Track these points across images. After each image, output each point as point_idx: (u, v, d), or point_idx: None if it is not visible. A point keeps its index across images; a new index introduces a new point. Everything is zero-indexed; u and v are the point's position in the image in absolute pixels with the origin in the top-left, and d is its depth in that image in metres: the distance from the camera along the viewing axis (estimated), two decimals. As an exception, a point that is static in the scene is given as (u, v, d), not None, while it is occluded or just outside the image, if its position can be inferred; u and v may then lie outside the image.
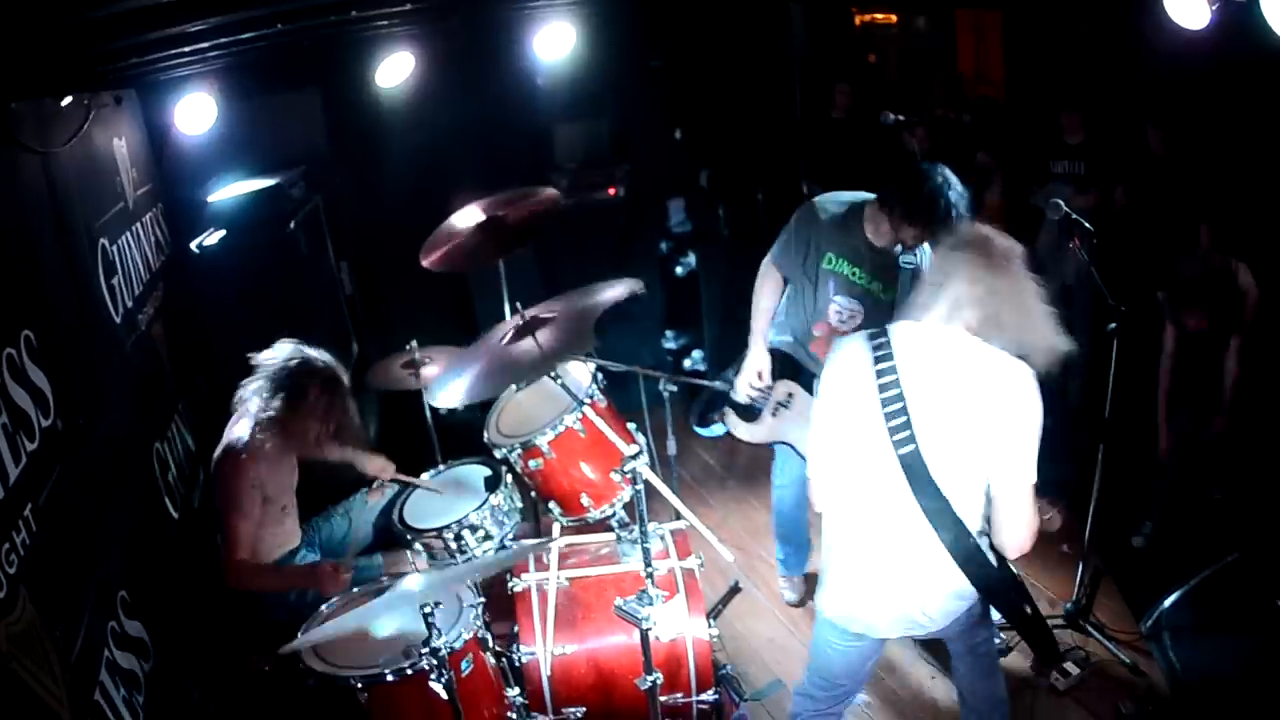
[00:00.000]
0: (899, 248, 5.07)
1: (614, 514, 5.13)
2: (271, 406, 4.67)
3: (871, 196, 5.25)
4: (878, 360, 3.52)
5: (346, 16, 4.60)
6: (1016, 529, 3.52)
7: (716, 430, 4.88)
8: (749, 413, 5.40)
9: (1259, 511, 5.50)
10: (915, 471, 3.44)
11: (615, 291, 4.85)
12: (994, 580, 3.63)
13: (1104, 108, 7.83)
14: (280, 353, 4.80)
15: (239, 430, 4.78)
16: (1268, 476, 5.63)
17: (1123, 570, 5.90)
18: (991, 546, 3.61)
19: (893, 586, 3.69)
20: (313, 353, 4.85)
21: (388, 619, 3.72)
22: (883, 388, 3.47)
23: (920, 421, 3.44)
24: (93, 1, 3.12)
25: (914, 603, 3.71)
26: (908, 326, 3.59)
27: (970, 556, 3.54)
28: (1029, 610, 3.81)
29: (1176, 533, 6.07)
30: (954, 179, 4.77)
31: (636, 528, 4.18)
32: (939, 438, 3.44)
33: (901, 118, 7.42)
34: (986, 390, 3.43)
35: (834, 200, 5.40)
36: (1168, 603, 4.88)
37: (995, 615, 3.95)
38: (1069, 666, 5.24)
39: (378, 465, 5.54)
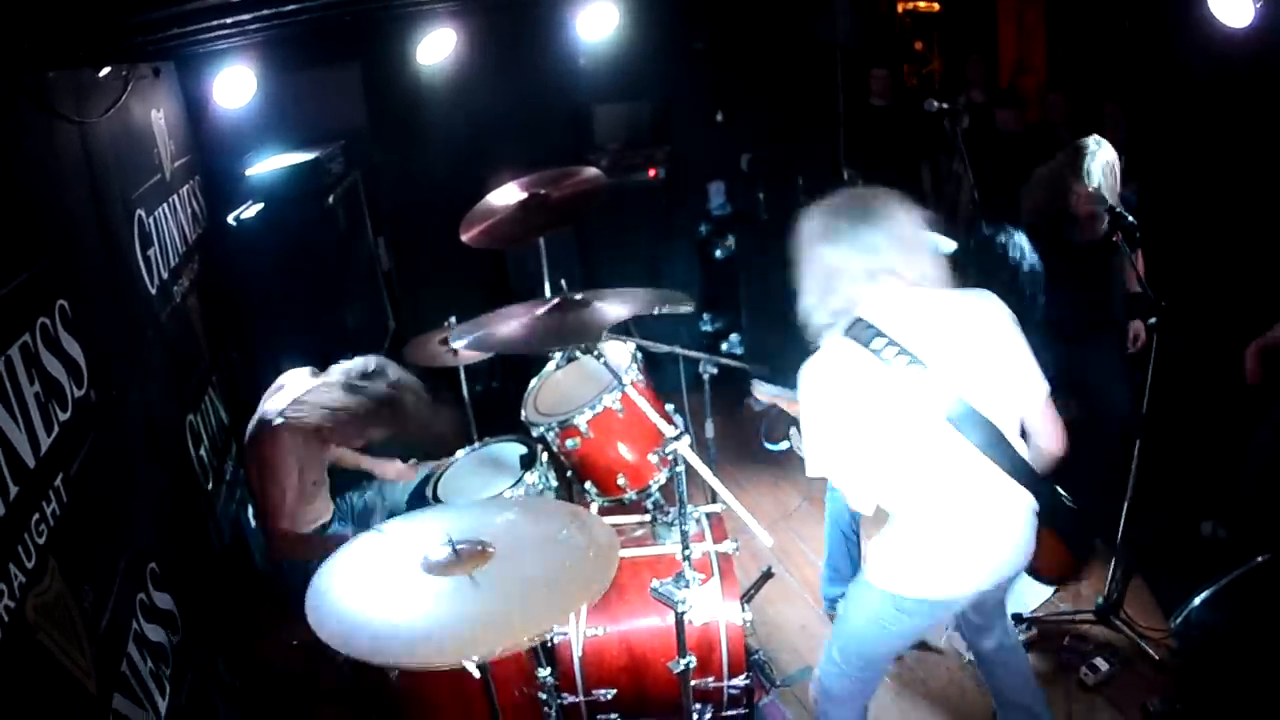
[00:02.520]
0: None
1: (651, 495, 5.08)
2: (345, 399, 4.65)
3: None
4: (869, 342, 3.49)
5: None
6: (1050, 434, 3.73)
7: (784, 445, 4.82)
8: None
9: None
10: (957, 413, 3.47)
11: (660, 303, 4.98)
12: (1047, 492, 3.76)
13: (1145, 101, 7.73)
14: (369, 362, 4.83)
15: (275, 403, 4.76)
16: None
17: (1155, 567, 5.80)
18: None
19: (978, 532, 3.71)
20: (402, 373, 4.89)
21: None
22: (888, 358, 3.45)
23: (938, 370, 3.45)
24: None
25: (998, 540, 3.75)
26: (871, 306, 3.57)
27: (1028, 474, 3.64)
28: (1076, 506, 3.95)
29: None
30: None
31: (673, 510, 4.15)
32: (961, 379, 3.47)
33: (945, 105, 7.31)
34: (971, 324, 3.58)
35: None
36: (1198, 601, 4.81)
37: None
38: (1098, 662, 5.17)
39: (396, 471, 5.57)
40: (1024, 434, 3.72)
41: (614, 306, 4.76)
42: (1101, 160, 5.37)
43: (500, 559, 3.44)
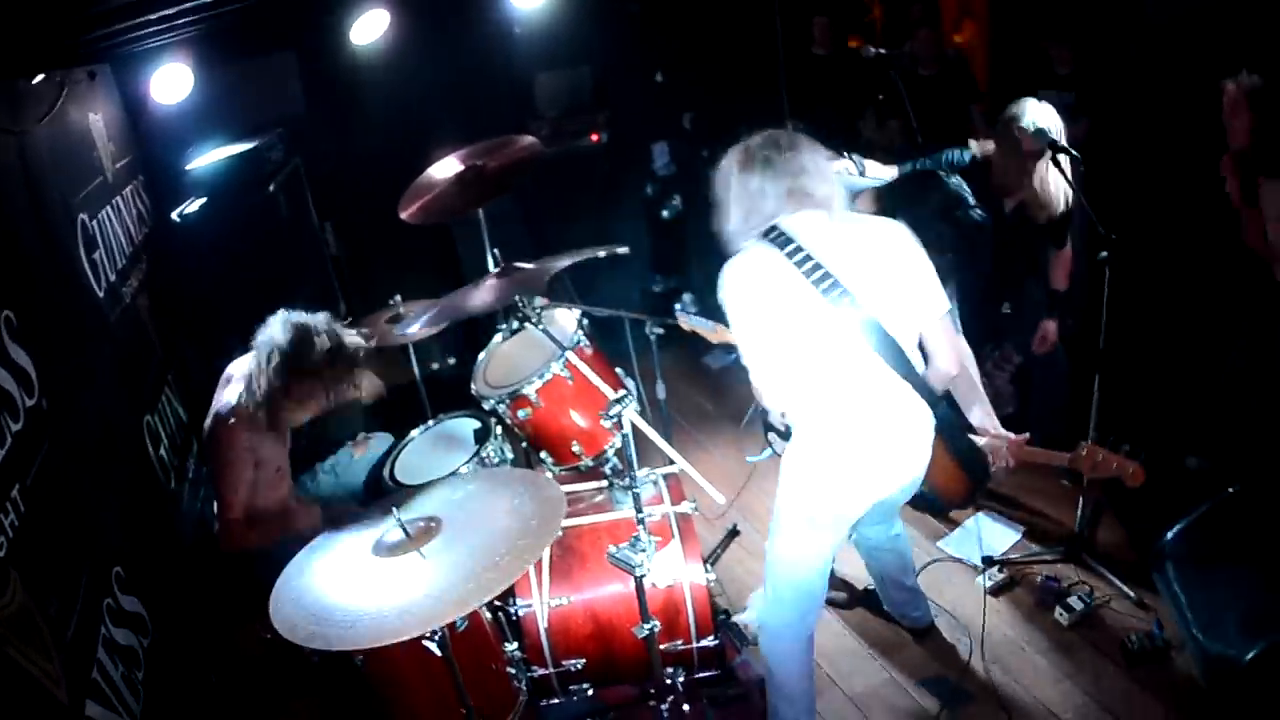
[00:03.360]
0: None
1: (607, 461, 5.16)
2: (273, 376, 4.61)
3: None
4: (785, 248, 3.73)
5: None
6: (945, 354, 3.95)
7: (766, 455, 4.88)
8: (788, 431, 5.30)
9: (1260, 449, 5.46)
10: (862, 318, 3.71)
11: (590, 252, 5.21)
12: (945, 410, 4.09)
13: (1090, 37, 7.78)
14: (278, 325, 4.71)
15: (228, 395, 4.72)
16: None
17: (1124, 503, 5.84)
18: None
19: (882, 442, 3.94)
20: (315, 321, 4.71)
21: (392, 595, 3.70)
22: (800, 264, 3.70)
23: (848, 283, 3.68)
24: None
25: (902, 449, 4.00)
26: (790, 220, 3.81)
27: (925, 388, 3.91)
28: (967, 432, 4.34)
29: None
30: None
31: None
32: (864, 291, 3.70)
33: (883, 51, 7.37)
34: (876, 243, 3.84)
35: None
36: (1170, 535, 4.87)
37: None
38: (1073, 602, 5.22)
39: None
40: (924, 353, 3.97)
41: (549, 264, 5.00)
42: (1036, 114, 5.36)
43: (448, 533, 3.53)
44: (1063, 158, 5.11)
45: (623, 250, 5.35)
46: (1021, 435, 4.34)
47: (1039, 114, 5.20)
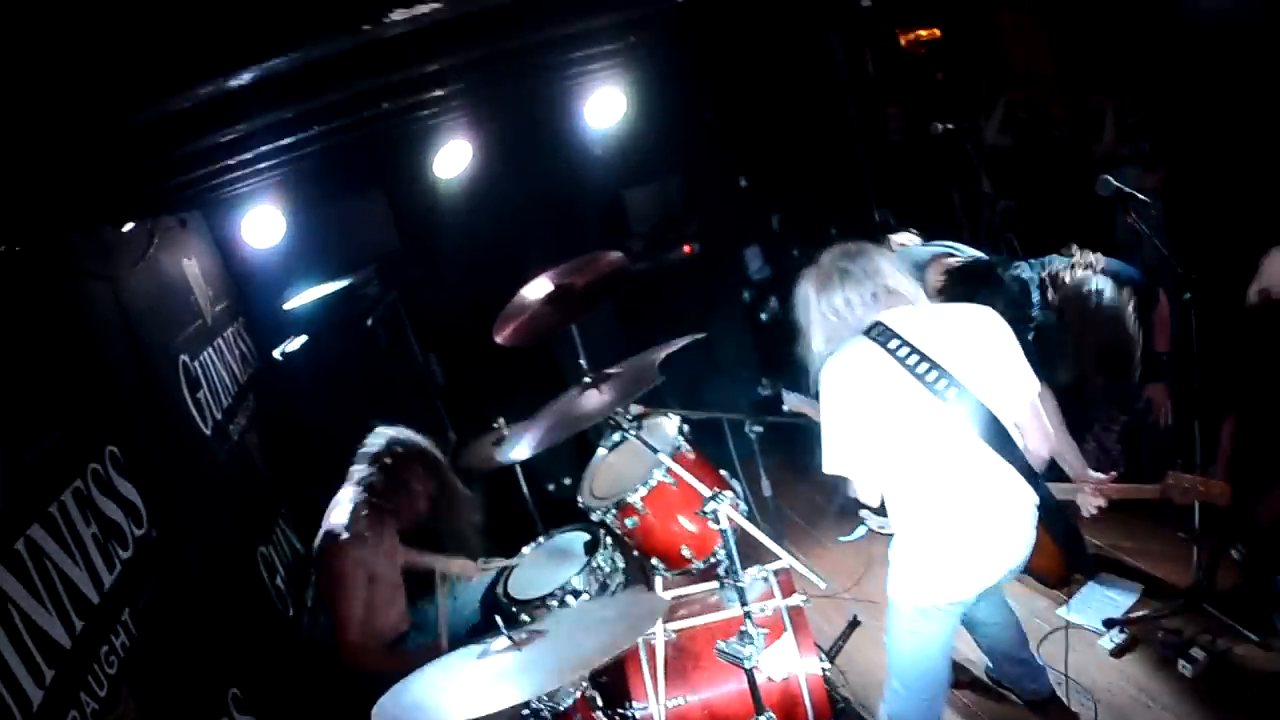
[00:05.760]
0: None
1: (718, 563, 5.11)
2: (369, 486, 4.72)
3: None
4: (886, 344, 3.69)
5: (378, 110, 4.68)
6: (1038, 434, 3.95)
7: (859, 533, 4.84)
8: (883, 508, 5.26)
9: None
10: (969, 406, 3.65)
11: (674, 344, 5.19)
12: (1044, 491, 3.91)
13: (1160, 85, 7.74)
14: (376, 438, 4.90)
15: (336, 516, 4.84)
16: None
17: (1242, 549, 5.61)
18: None
19: (991, 529, 3.87)
20: (407, 434, 4.95)
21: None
22: (904, 359, 3.65)
23: (952, 371, 3.64)
24: (131, 133, 3.24)
25: (1010, 534, 3.91)
26: (885, 316, 3.79)
27: (1028, 469, 3.82)
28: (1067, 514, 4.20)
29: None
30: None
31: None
32: (971, 379, 3.65)
33: (950, 126, 7.39)
34: (970, 329, 3.81)
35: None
36: None
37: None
38: (1195, 653, 5.08)
39: (459, 566, 5.61)
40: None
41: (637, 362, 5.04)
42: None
43: (550, 636, 3.53)
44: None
45: (695, 337, 5.36)
46: (1109, 474, 4.34)
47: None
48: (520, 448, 4.81)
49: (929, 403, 3.63)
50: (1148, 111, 7.71)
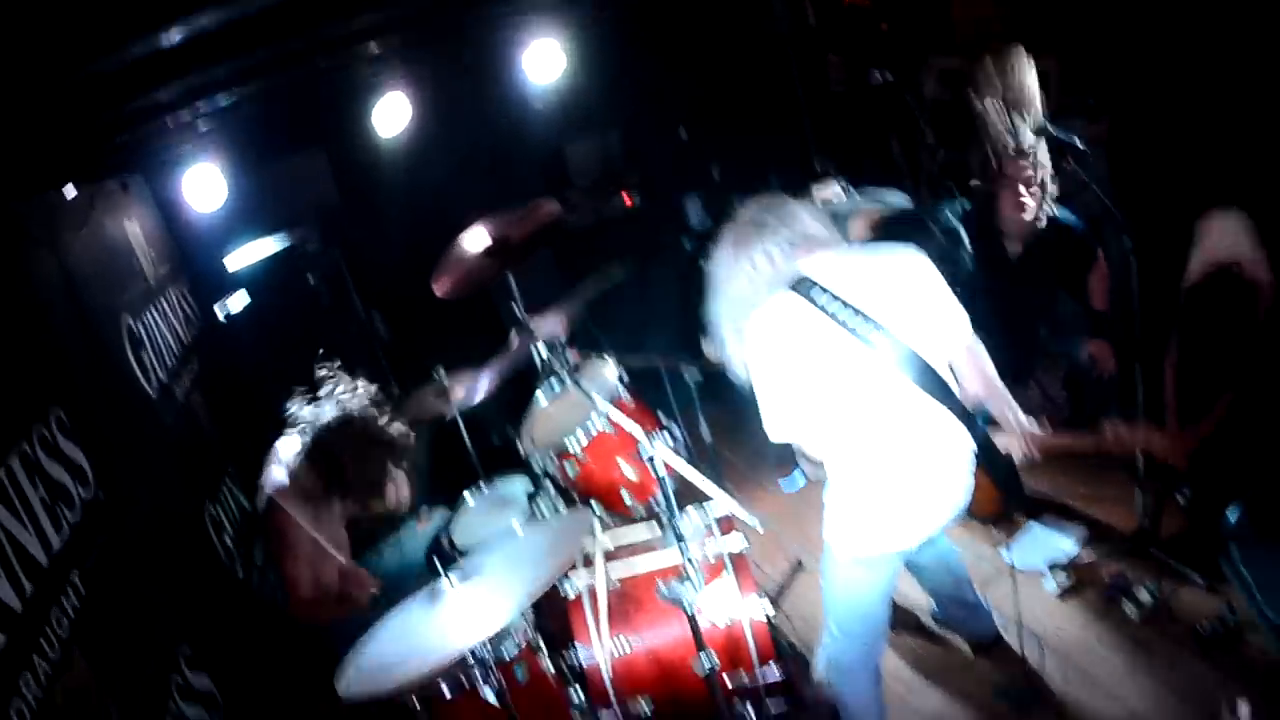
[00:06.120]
0: None
1: (659, 507, 5.18)
2: (302, 469, 4.80)
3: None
4: (810, 295, 3.69)
5: (314, 67, 4.71)
6: (974, 376, 3.94)
7: (800, 483, 4.91)
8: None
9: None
10: (899, 352, 3.66)
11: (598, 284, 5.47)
12: (981, 432, 3.94)
13: (1106, 36, 7.80)
14: (322, 405, 4.93)
15: (276, 475, 4.88)
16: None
17: (1183, 489, 5.73)
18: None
19: (928, 476, 3.90)
20: (354, 406, 4.96)
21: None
22: (829, 310, 3.66)
23: (879, 317, 3.66)
24: (77, 93, 3.28)
25: (948, 481, 3.95)
26: (805, 264, 3.80)
27: (964, 413, 3.82)
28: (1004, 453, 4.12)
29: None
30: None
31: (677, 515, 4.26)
32: (900, 323, 3.68)
33: (891, 76, 7.47)
34: (899, 274, 3.81)
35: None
36: (1231, 515, 4.83)
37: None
38: (1141, 596, 5.19)
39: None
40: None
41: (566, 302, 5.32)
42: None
43: (490, 573, 3.64)
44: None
45: (617, 276, 5.44)
46: (1047, 425, 4.36)
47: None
48: (465, 395, 4.90)
49: (859, 352, 3.64)
50: (1093, 64, 7.78)
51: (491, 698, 3.75)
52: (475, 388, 5.16)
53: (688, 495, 4.45)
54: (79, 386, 4.32)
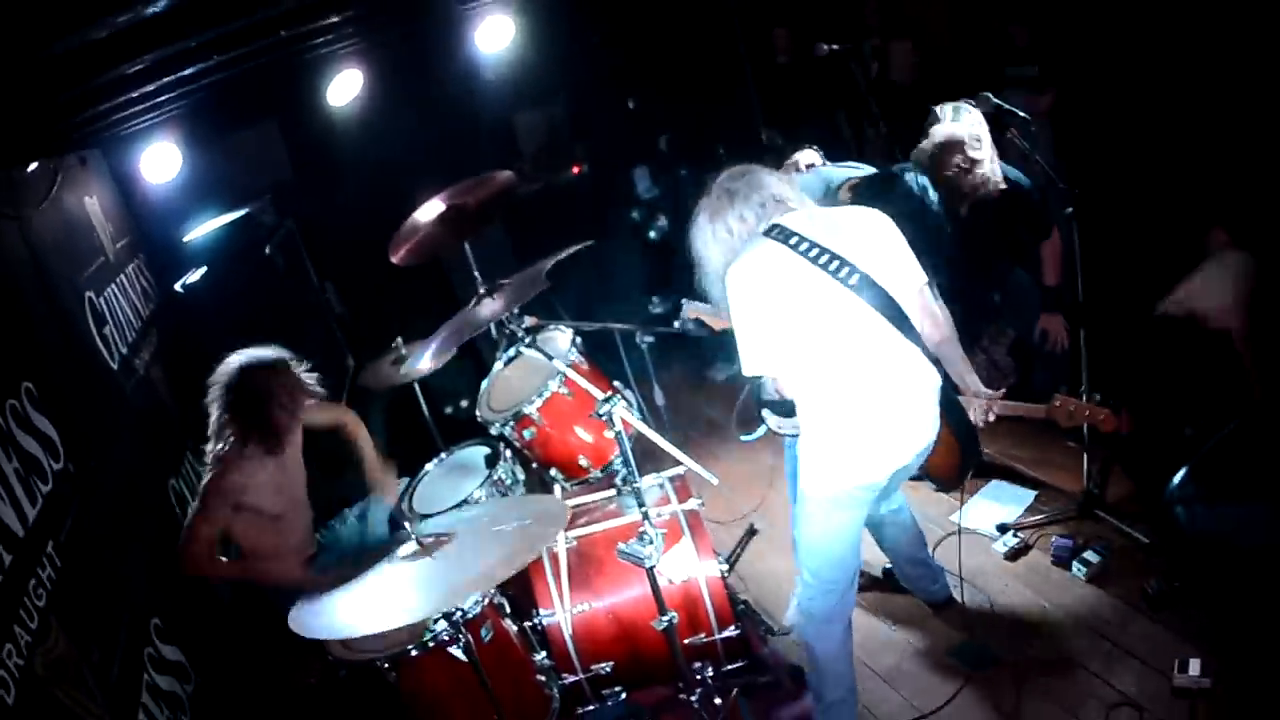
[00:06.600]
0: None
1: (615, 472, 5.30)
2: (227, 417, 4.71)
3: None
4: (786, 241, 3.90)
5: (276, 39, 4.75)
6: (928, 321, 4.16)
7: (760, 432, 4.99)
8: (784, 406, 5.38)
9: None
10: (871, 291, 3.86)
11: (564, 251, 5.53)
12: (943, 374, 4.21)
13: (1052, 7, 7.91)
14: (225, 365, 4.83)
15: (210, 447, 4.77)
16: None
17: (1129, 456, 5.93)
18: None
19: (901, 406, 4.06)
20: (253, 352, 4.88)
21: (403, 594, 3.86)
22: (804, 252, 3.87)
23: (852, 260, 3.86)
24: (35, 72, 3.33)
25: (918, 411, 4.12)
26: (781, 219, 4.01)
27: (928, 351, 4.09)
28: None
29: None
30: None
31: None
32: (869, 267, 3.87)
33: (835, 47, 7.56)
34: (861, 227, 4.05)
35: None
36: (1177, 479, 4.92)
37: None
38: (1089, 557, 5.32)
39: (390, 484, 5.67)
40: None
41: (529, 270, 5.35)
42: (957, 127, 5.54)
43: (460, 542, 3.71)
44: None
45: (588, 244, 5.76)
46: (998, 390, 4.47)
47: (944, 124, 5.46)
48: (425, 360, 4.99)
49: (834, 289, 3.83)
50: (1037, 35, 7.90)
51: (460, 654, 3.85)
52: (433, 353, 5.20)
53: (643, 461, 4.53)
54: (47, 360, 4.39)
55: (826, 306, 3.87)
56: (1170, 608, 4.95)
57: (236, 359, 4.80)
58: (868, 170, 5.83)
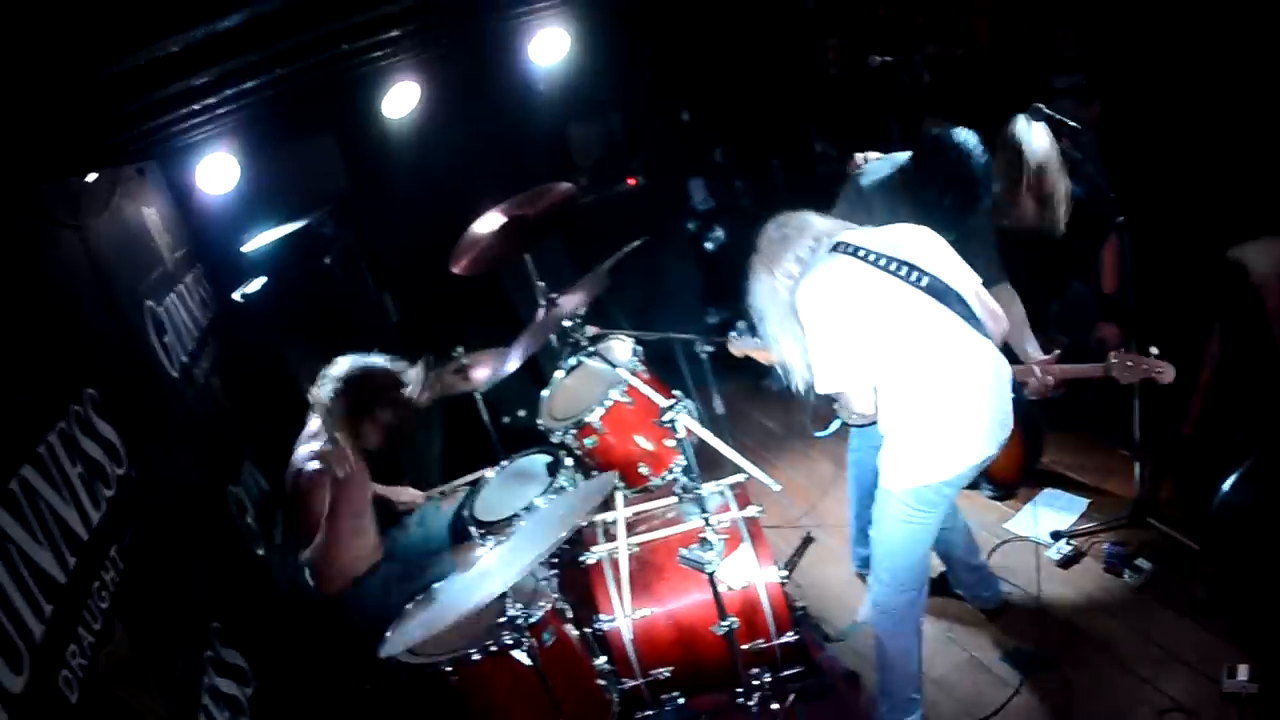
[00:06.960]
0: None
1: (675, 479, 5.23)
2: (335, 418, 4.87)
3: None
4: (857, 254, 3.99)
5: (338, 51, 4.77)
6: (990, 316, 4.23)
7: (834, 426, 4.97)
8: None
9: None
10: (942, 291, 3.99)
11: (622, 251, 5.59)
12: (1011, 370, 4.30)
13: (1099, 18, 7.85)
14: (336, 367, 5.05)
15: (303, 449, 4.99)
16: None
17: (1180, 463, 5.89)
18: None
19: (982, 398, 4.13)
20: (366, 360, 5.11)
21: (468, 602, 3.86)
22: (873, 261, 3.97)
23: (919, 265, 3.98)
24: (100, 85, 3.35)
25: (998, 403, 4.19)
26: (851, 234, 4.15)
27: (1000, 346, 4.23)
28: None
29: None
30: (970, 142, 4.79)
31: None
32: (932, 271, 4.01)
33: (889, 59, 7.52)
34: (915, 238, 4.14)
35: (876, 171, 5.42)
36: (1226, 486, 4.90)
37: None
38: (1140, 564, 5.32)
39: (408, 496, 5.89)
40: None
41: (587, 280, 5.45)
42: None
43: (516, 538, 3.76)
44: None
45: (644, 240, 5.83)
46: (1052, 354, 4.62)
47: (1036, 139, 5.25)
48: (490, 373, 5.01)
49: (907, 292, 3.93)
50: (1085, 44, 7.83)
51: (524, 658, 3.84)
52: (502, 365, 5.24)
53: (703, 468, 4.52)
54: (109, 366, 4.40)
55: (903, 308, 3.93)
56: (1219, 614, 4.93)
57: (362, 360, 5.07)
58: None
